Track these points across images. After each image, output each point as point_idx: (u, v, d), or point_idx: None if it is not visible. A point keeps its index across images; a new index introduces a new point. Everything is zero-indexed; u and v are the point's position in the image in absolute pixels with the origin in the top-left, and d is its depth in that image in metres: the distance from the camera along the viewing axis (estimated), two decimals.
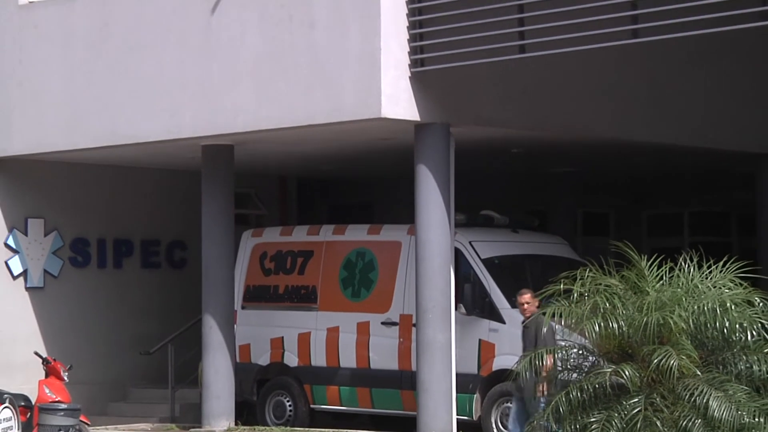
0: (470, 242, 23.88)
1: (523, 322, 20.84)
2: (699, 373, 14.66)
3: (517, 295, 21.42)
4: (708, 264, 15.20)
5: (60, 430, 21.52)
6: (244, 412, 25.27)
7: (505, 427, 22.58)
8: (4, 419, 19.87)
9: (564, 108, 23.97)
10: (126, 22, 24.49)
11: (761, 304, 14.91)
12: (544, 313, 16.30)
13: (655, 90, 24.72)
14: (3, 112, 26.17)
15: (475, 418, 23.17)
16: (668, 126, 25.55)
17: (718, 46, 20.86)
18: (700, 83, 25.28)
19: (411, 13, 21.89)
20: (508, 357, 22.00)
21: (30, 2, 25.90)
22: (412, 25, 21.95)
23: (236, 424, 24.82)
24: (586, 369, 15.44)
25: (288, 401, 25.53)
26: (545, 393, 18.45)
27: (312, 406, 25.17)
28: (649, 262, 15.30)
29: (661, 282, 15.07)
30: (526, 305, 20.66)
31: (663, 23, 19.90)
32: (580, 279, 15.40)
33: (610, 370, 15.01)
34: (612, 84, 23.91)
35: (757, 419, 14.41)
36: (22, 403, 21.67)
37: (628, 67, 23.09)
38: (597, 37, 20.54)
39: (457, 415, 22.72)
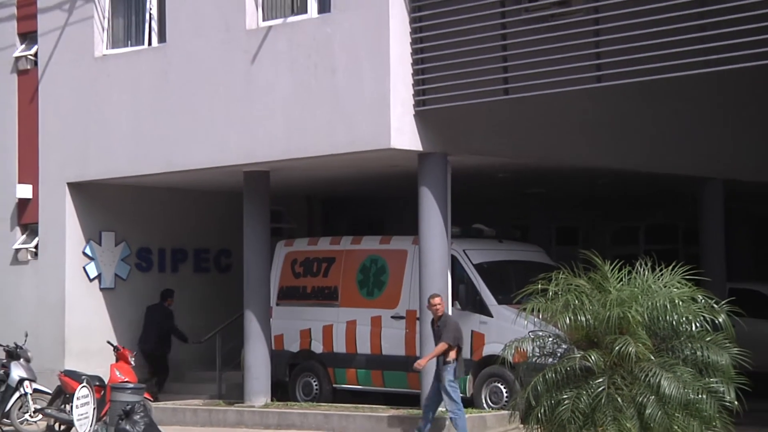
0: (464, 250, 23.83)
1: (433, 320, 21.21)
2: (653, 357, 14.58)
3: (429, 298, 21.58)
4: (659, 268, 15.13)
5: (127, 405, 21.40)
6: (278, 390, 25.16)
7: (495, 403, 22.58)
8: (82, 396, 19.80)
9: (541, 139, 23.93)
10: (181, 71, 24.47)
11: (703, 301, 14.89)
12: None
13: (616, 124, 24.64)
14: (81, 144, 26.16)
15: (468, 394, 23.01)
16: (627, 154, 25.50)
17: (666, 87, 20.73)
18: (653, 118, 25.20)
19: (414, 61, 21.87)
20: (495, 345, 21.83)
21: (104, 55, 25.85)
22: (415, 72, 21.90)
23: (272, 400, 24.82)
24: (559, 355, 15.33)
25: (314, 381, 25.48)
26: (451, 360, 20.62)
27: (334, 385, 25.16)
28: (611, 267, 15.22)
29: (621, 283, 14.97)
30: (438, 306, 21.08)
31: (621, 70, 19.89)
32: (554, 280, 15.34)
33: (579, 355, 14.92)
34: (581, 119, 23.82)
35: (700, 395, 14.39)
36: (97, 383, 21.56)
37: (594, 105, 23.02)
38: (567, 81, 20.50)
39: (459, 394, 22.63)
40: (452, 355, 20.96)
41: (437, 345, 20.84)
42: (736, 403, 14.71)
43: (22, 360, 24.53)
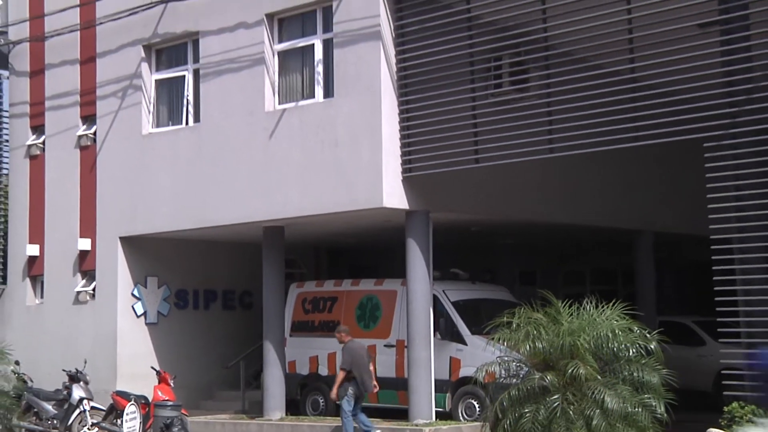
0: (443, 290, 23.68)
1: (343, 348, 21.69)
2: (598, 377, 14.58)
3: (336, 332, 22.29)
4: (602, 304, 15.11)
5: (168, 419, 21.39)
6: (291, 406, 25.00)
7: (469, 416, 22.47)
8: (130, 412, 19.74)
9: (506, 199, 23.93)
10: (212, 145, 24.45)
11: (638, 331, 14.91)
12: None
13: (566, 186, 24.65)
14: (130, 205, 26.16)
15: (447, 409, 22.92)
16: (575, 211, 25.48)
17: (605, 156, 20.73)
18: (595, 182, 25.22)
19: (402, 137, 21.88)
20: (469, 368, 21.74)
21: (149, 133, 25.90)
22: (402, 145, 21.90)
23: (286, 414, 24.62)
24: (521, 376, 15.30)
25: (321, 399, 25.22)
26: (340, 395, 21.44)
27: (337, 402, 24.94)
28: (563, 303, 15.20)
29: (571, 316, 14.96)
30: (337, 336, 22.04)
31: (569, 144, 19.92)
32: (517, 315, 15.32)
33: (537, 376, 14.89)
34: (538, 182, 23.82)
35: (636, 409, 14.42)
36: (143, 401, 21.51)
37: (548, 171, 23.04)
38: (526, 152, 20.54)
39: (435, 407, 22.57)
40: (340, 375, 21.44)
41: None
42: (665, 415, 14.72)
43: (81, 382, 24.57)
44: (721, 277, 18.26)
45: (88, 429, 24.23)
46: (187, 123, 25.72)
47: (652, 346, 15.04)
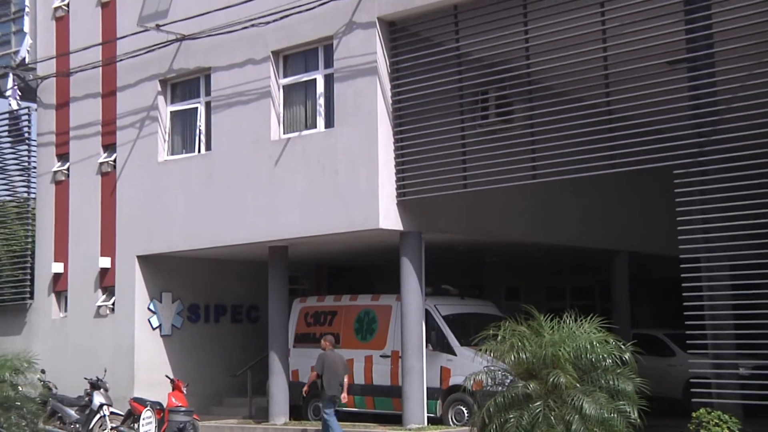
0: (435, 305, 23.61)
1: (320, 354, 22.23)
2: (577, 386, 14.51)
3: (322, 339, 22.64)
4: (581, 318, 15.07)
5: (181, 424, 21.38)
6: (294, 412, 24.89)
7: (459, 421, 22.39)
8: (146, 417, 19.72)
9: (492, 221, 23.96)
10: (222, 171, 24.48)
11: (614, 343, 14.83)
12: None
13: (548, 209, 24.66)
14: (147, 227, 26.16)
15: (438, 415, 22.81)
16: (557, 232, 25.55)
17: (585, 181, 20.74)
18: (575, 205, 25.22)
19: (396, 164, 21.87)
20: (459, 377, 21.67)
21: (165, 160, 25.92)
22: (397, 171, 21.89)
23: (290, 419, 24.54)
24: (506, 384, 15.22)
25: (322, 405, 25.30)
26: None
27: (337, 407, 24.90)
28: (545, 317, 15.16)
29: (552, 329, 14.90)
30: (328, 344, 22.24)
31: (550, 170, 19.90)
32: (502, 328, 15.28)
33: (521, 384, 14.81)
34: (522, 206, 23.85)
35: (612, 414, 14.33)
36: (158, 407, 21.46)
37: (532, 194, 23.05)
38: (510, 178, 20.53)
39: (427, 413, 22.48)
40: (312, 376, 22.25)
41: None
42: (638, 420, 14.65)
43: (101, 390, 24.53)
44: (689, 293, 18.24)
45: None
46: (199, 151, 25.70)
47: (627, 357, 14.97)
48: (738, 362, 18.50)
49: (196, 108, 25.85)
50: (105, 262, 27.19)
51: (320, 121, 23.23)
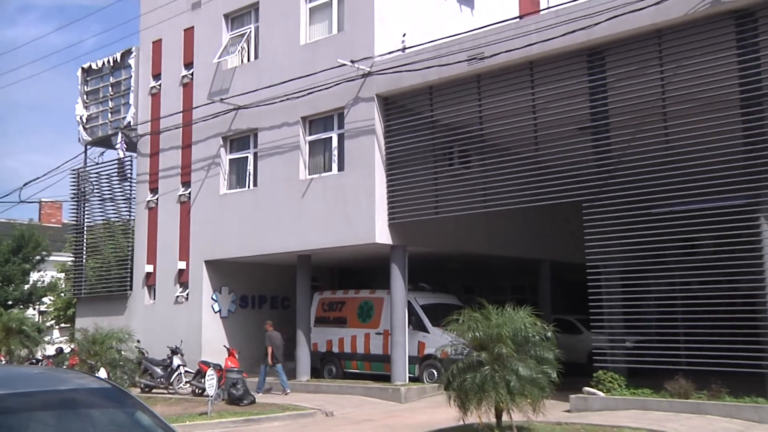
0: (414, 297, 23.47)
1: (266, 334, 23.44)
2: (515, 355, 14.36)
3: (265, 324, 23.95)
4: (517, 308, 14.94)
5: (234, 380, 21.24)
6: (314, 372, 24.74)
7: (431, 380, 22.26)
8: (210, 374, 19.44)
9: (457, 238, 23.86)
10: (265, 201, 24.48)
11: (540, 325, 14.70)
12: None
13: (495, 229, 24.57)
14: (211, 241, 26.13)
15: (416, 375, 22.71)
16: (501, 245, 25.48)
17: (522, 210, 20.62)
18: (515, 226, 25.10)
19: (388, 197, 21.78)
20: (431, 348, 21.58)
21: (224, 193, 25.85)
22: (388, 203, 21.76)
23: (311, 377, 24.41)
24: (465, 354, 15.06)
25: (334, 368, 25.08)
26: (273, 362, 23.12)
27: (345, 370, 24.76)
28: (492, 307, 15.00)
29: (497, 315, 14.76)
30: (269, 326, 23.67)
31: (498, 201, 19.82)
32: (462, 314, 15.14)
33: (475, 354, 14.66)
34: (477, 226, 23.72)
35: (539, 375, 14.20)
36: (219, 368, 21.17)
37: (484, 219, 22.89)
38: (470, 207, 20.47)
39: (408, 374, 22.38)
40: (269, 350, 23.16)
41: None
42: (557, 378, 14.51)
43: (179, 354, 24.95)
44: (592, 290, 18.27)
45: (182, 386, 24.47)
46: (249, 187, 25.55)
47: (549, 334, 14.88)
48: (625, 338, 18.45)
49: (247, 157, 25.72)
50: (182, 265, 27.10)
51: (334, 166, 23.12)
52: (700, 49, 16.73)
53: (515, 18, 22.45)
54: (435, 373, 22.29)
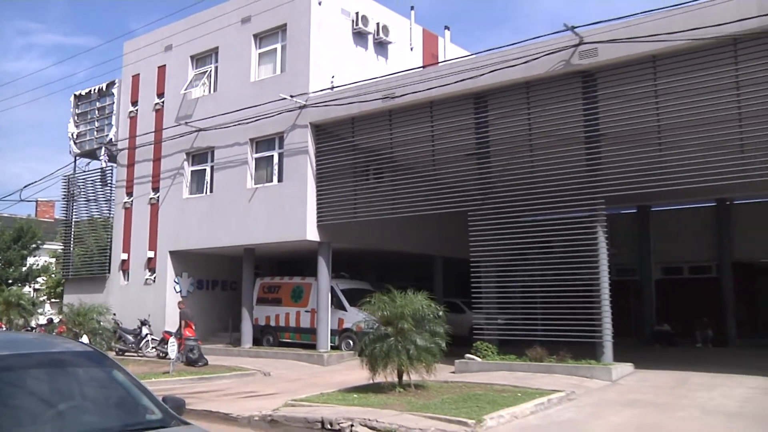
0: (336, 283, 23.21)
1: (180, 311, 22.28)
2: (414, 329, 14.33)
3: (179, 303, 23.20)
4: (416, 292, 14.95)
5: (191, 346, 20.77)
6: (255, 342, 24.34)
7: (348, 348, 22.07)
8: (172, 342, 19.04)
9: (373, 236, 23.62)
10: (220, 205, 23.93)
11: (434, 306, 14.71)
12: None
13: (401, 230, 24.51)
14: (174, 234, 25.45)
15: (336, 344, 22.51)
16: (405, 243, 25.42)
17: (420, 216, 20.66)
18: (416, 228, 25.14)
19: (318, 204, 21.51)
20: (349, 323, 21.69)
21: (186, 197, 25.11)
22: (318, 209, 21.48)
23: (252, 346, 23.95)
24: (374, 328, 14.98)
25: (272, 338, 24.62)
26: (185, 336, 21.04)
27: (280, 340, 24.38)
28: (398, 291, 14.98)
29: (401, 298, 14.75)
30: (182, 305, 22.49)
31: (404, 208, 19.81)
32: (374, 296, 15.08)
33: (383, 328, 14.59)
34: (386, 228, 23.58)
35: (432, 345, 14.20)
36: (178, 336, 20.66)
37: (391, 223, 22.81)
38: (382, 212, 20.40)
39: (330, 344, 22.22)
40: (182, 323, 21.50)
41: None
42: (445, 348, 14.56)
43: (147, 325, 24.47)
44: (474, 280, 18.36)
45: (149, 350, 24.06)
46: (206, 193, 24.94)
47: (440, 314, 14.87)
48: (497, 316, 18.64)
49: (206, 169, 25.08)
50: (151, 254, 26.37)
51: (275, 178, 22.73)
52: (556, 97, 17.12)
53: (420, 67, 22.61)
54: (351, 342, 22.08)
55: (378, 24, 24.45)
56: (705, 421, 11.27)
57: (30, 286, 42.54)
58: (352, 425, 11.44)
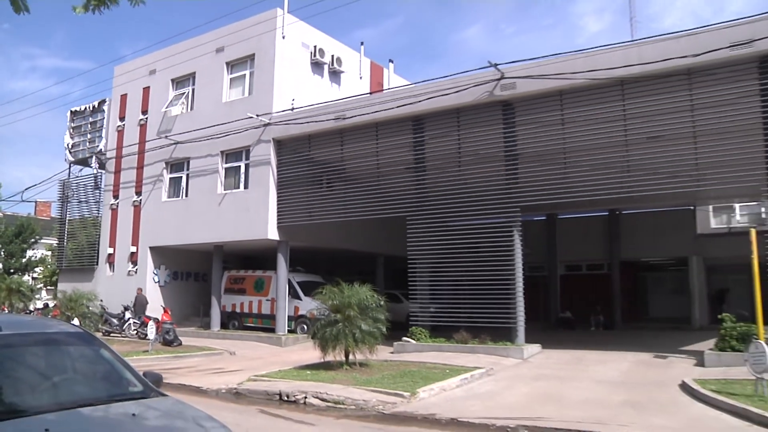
0: (293, 276, 22.72)
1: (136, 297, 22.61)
2: (359, 316, 14.08)
3: (138, 289, 23.24)
4: (362, 284, 14.71)
5: (167, 329, 20.00)
6: (222, 326, 23.68)
7: (303, 332, 21.61)
8: (150, 325, 18.55)
9: (327, 237, 23.14)
10: (193, 207, 23.11)
11: (376, 296, 14.50)
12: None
13: (350, 232, 24.17)
14: (153, 232, 24.52)
15: (293, 329, 22.06)
16: (353, 243, 24.99)
17: (367, 219, 20.43)
18: (362, 230, 24.78)
19: (278, 208, 21.03)
20: (304, 311, 21.21)
21: (165, 200, 24.25)
22: (278, 211, 21.02)
23: (220, 329, 23.21)
24: (326, 315, 14.67)
25: (237, 323, 23.85)
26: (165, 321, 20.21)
27: (244, 324, 23.75)
28: (346, 284, 14.72)
29: (348, 289, 14.48)
30: (140, 291, 22.56)
31: (357, 211, 19.53)
32: (325, 288, 14.78)
33: (333, 315, 14.29)
34: (338, 230, 23.19)
35: (374, 329, 13.97)
36: (156, 320, 19.97)
37: (342, 225, 22.40)
38: (335, 215, 20.05)
39: (287, 328, 21.70)
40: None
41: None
42: (386, 332, 14.36)
43: (129, 311, 23.44)
44: (412, 275, 18.21)
45: (131, 332, 23.07)
46: (182, 197, 24.05)
47: (382, 303, 14.65)
48: (429, 306, 18.56)
49: (182, 176, 24.19)
50: (133, 249, 25.38)
51: (242, 185, 22.07)
52: (482, 122, 17.13)
53: (367, 93, 22.39)
54: (305, 327, 21.59)
55: (333, 56, 24.17)
56: (595, 389, 11.63)
57: (29, 275, 42.16)
58: (305, 397, 11.34)
